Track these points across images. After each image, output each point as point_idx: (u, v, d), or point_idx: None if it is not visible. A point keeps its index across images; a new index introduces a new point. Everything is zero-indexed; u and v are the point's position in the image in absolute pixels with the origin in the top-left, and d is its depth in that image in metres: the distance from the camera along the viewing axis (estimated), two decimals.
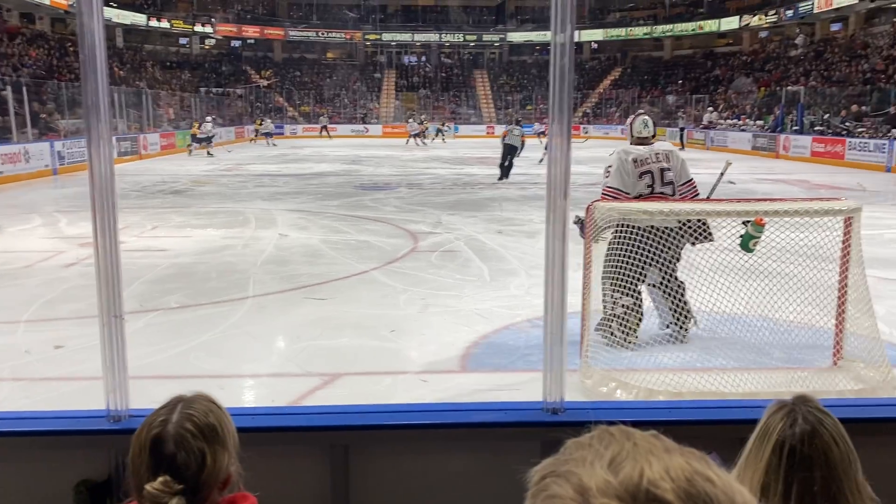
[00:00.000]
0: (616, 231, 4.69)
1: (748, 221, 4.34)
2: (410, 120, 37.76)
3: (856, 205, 4.25)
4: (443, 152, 28.84)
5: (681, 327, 4.82)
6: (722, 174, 5.51)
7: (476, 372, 4.66)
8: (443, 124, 39.45)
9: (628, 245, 4.58)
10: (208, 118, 29.87)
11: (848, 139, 22.30)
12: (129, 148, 23.98)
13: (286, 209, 12.16)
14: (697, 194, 5.16)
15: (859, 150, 21.35)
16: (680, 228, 4.76)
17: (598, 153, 26.46)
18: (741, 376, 4.12)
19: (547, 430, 2.24)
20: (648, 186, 4.95)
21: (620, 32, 47.61)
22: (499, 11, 50.37)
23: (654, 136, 5.28)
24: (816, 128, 25.52)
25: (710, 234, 4.68)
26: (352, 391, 4.31)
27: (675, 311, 4.86)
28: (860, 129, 23.03)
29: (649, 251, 4.55)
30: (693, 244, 4.70)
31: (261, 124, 35.69)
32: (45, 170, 18.49)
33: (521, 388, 4.22)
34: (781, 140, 25.87)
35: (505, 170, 17.24)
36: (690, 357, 4.54)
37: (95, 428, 2.18)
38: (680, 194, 5.02)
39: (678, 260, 4.86)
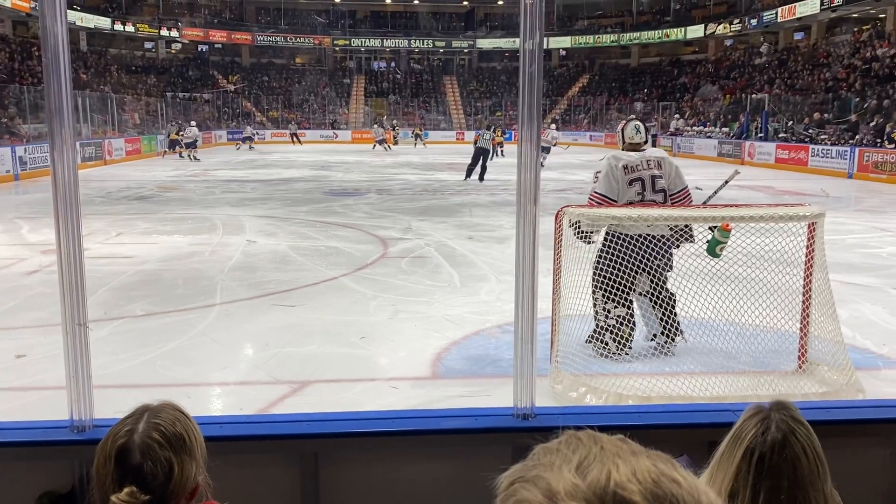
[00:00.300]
0: (606, 239, 4.65)
1: (715, 227, 4.40)
2: (376, 126, 37.89)
3: (819, 210, 4.33)
4: (413, 158, 28.84)
5: (668, 340, 4.71)
6: (727, 181, 5.28)
7: (446, 378, 4.65)
8: (420, 129, 39.77)
9: (618, 253, 4.53)
10: (192, 123, 30.47)
11: (811, 146, 22.75)
12: (93, 153, 23.63)
13: (254, 215, 12.06)
14: (691, 203, 4.99)
15: (822, 157, 21.78)
16: (672, 236, 4.70)
17: (567, 159, 26.72)
18: (709, 380, 4.16)
19: (517, 435, 2.24)
20: (638, 194, 4.81)
21: (588, 40, 48.07)
22: (468, 18, 50.60)
23: (646, 142, 5.13)
24: (780, 135, 26.01)
25: (691, 235, 4.65)
26: (321, 399, 4.28)
27: (664, 323, 4.73)
28: (823, 137, 23.51)
29: (639, 259, 4.50)
30: (676, 247, 4.73)
31: (178, 134, 28.48)
32: (7, 175, 18.15)
33: (491, 393, 4.22)
34: (746, 147, 26.30)
35: (470, 170, 18.25)
36: (659, 361, 4.58)
37: (59, 438, 2.13)
38: (673, 203, 4.86)
39: (670, 269, 4.78)
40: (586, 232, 4.70)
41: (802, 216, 4.28)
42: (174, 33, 45.15)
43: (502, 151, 26.27)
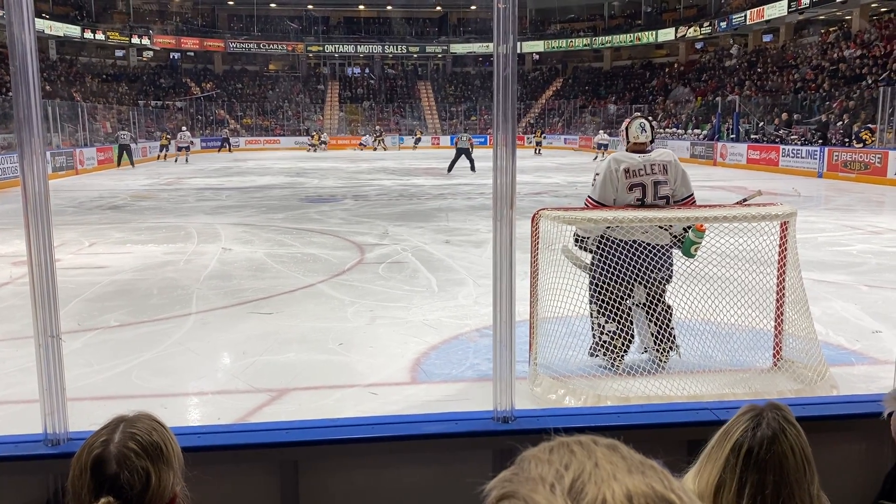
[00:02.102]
0: (599, 247, 4.47)
1: (689, 227, 4.43)
2: (366, 136, 40.08)
3: (791, 209, 4.38)
4: (389, 163, 28.82)
5: (661, 354, 4.52)
6: (745, 199, 4.78)
7: (426, 383, 4.64)
8: (420, 132, 40.84)
9: (613, 262, 4.36)
10: (184, 128, 33.57)
11: (782, 146, 23.08)
12: (64, 163, 23.31)
13: (229, 223, 11.97)
14: None
15: (793, 157, 22.10)
16: (671, 246, 4.49)
17: (542, 163, 26.85)
18: (686, 380, 4.20)
19: (498, 438, 2.24)
20: (638, 200, 4.48)
21: (561, 44, 48.39)
22: (441, 23, 50.69)
23: (652, 141, 4.68)
24: (752, 136, 26.35)
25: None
26: (300, 406, 4.25)
27: (657, 337, 4.51)
28: (793, 137, 23.85)
29: (635, 269, 4.32)
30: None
31: (168, 139, 31.21)
32: None
33: (471, 397, 4.22)
34: (718, 148, 26.62)
35: (451, 166, 21.89)
36: (637, 362, 4.60)
37: (32, 453, 2.10)
38: None
39: (668, 280, 4.55)
40: (582, 238, 4.61)
41: (775, 215, 4.34)
42: (145, 41, 44.72)
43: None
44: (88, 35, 40.87)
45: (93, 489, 1.38)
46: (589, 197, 4.66)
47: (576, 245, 4.65)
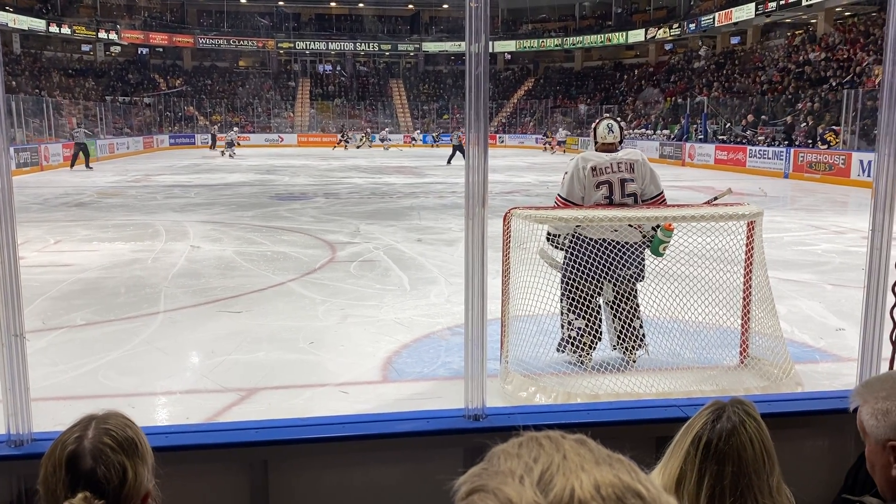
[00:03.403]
0: (570, 244, 4.52)
1: (658, 227, 4.48)
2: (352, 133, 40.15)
3: (758, 209, 4.45)
4: (360, 161, 28.72)
5: (625, 352, 4.58)
6: (715, 198, 4.84)
7: (397, 382, 4.64)
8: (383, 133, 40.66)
9: (583, 259, 4.40)
10: (235, 128, 36.27)
11: (749, 147, 23.42)
12: (28, 159, 22.87)
13: (198, 220, 11.84)
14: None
15: (759, 158, 22.44)
16: (642, 244, 4.54)
17: (513, 162, 26.95)
18: (654, 377, 4.25)
19: (469, 436, 2.25)
20: (606, 198, 4.53)
21: (533, 44, 48.60)
22: (413, 21, 50.62)
23: (621, 142, 4.78)
24: (720, 136, 26.70)
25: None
26: (270, 406, 4.23)
27: (621, 335, 4.57)
28: (759, 138, 24.22)
29: (605, 266, 4.36)
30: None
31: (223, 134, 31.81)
32: None
33: (442, 395, 4.22)
34: (687, 148, 26.93)
35: (450, 159, 24.86)
36: (606, 359, 4.64)
37: None
38: None
39: (640, 278, 4.60)
40: (554, 235, 4.66)
41: (742, 215, 4.40)
42: (113, 36, 44.00)
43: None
44: (54, 29, 40.09)
45: (68, 485, 1.36)
46: (558, 195, 4.73)
47: (549, 242, 4.68)
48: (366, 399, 4.34)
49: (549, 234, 4.68)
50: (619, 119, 5.02)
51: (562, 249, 4.66)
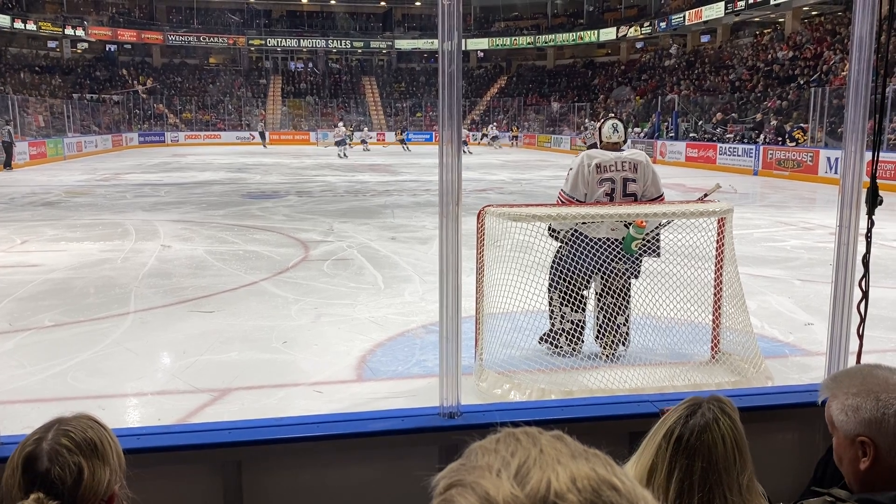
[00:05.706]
0: (567, 239, 4.58)
1: (629, 224, 4.52)
2: (341, 124, 38.72)
3: (728, 206, 4.50)
4: (333, 159, 28.59)
5: (604, 347, 4.63)
6: (705, 194, 4.96)
7: (372, 380, 4.62)
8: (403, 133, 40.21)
9: (577, 254, 4.46)
10: (340, 123, 34.59)
11: (719, 145, 23.70)
12: None
13: (168, 220, 11.70)
14: None
15: (729, 155, 22.72)
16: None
17: (487, 160, 26.99)
18: (627, 373, 4.28)
19: (444, 434, 2.25)
20: (607, 195, 4.61)
21: (505, 41, 48.72)
22: (385, 18, 50.49)
23: (625, 142, 4.87)
24: (691, 134, 26.99)
25: (656, 250, 4.57)
26: (243, 406, 4.19)
27: (602, 329, 4.65)
28: (728, 136, 24.52)
29: (597, 262, 4.42)
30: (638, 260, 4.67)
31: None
32: None
33: (417, 394, 4.22)
34: (658, 146, 27.19)
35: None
36: (579, 356, 4.67)
37: None
38: None
39: (632, 276, 4.67)
40: (556, 230, 4.71)
41: (712, 212, 4.45)
42: (80, 32, 43.31)
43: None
44: (19, 25, 39.39)
45: (23, 486, 1.35)
46: (561, 190, 4.80)
47: (550, 236, 4.70)
48: (340, 398, 4.32)
49: (550, 228, 4.72)
50: (622, 119, 5.11)
51: (562, 243, 4.69)
